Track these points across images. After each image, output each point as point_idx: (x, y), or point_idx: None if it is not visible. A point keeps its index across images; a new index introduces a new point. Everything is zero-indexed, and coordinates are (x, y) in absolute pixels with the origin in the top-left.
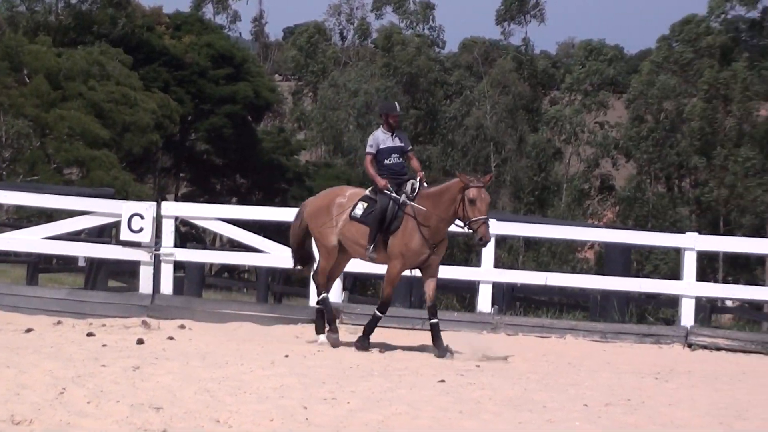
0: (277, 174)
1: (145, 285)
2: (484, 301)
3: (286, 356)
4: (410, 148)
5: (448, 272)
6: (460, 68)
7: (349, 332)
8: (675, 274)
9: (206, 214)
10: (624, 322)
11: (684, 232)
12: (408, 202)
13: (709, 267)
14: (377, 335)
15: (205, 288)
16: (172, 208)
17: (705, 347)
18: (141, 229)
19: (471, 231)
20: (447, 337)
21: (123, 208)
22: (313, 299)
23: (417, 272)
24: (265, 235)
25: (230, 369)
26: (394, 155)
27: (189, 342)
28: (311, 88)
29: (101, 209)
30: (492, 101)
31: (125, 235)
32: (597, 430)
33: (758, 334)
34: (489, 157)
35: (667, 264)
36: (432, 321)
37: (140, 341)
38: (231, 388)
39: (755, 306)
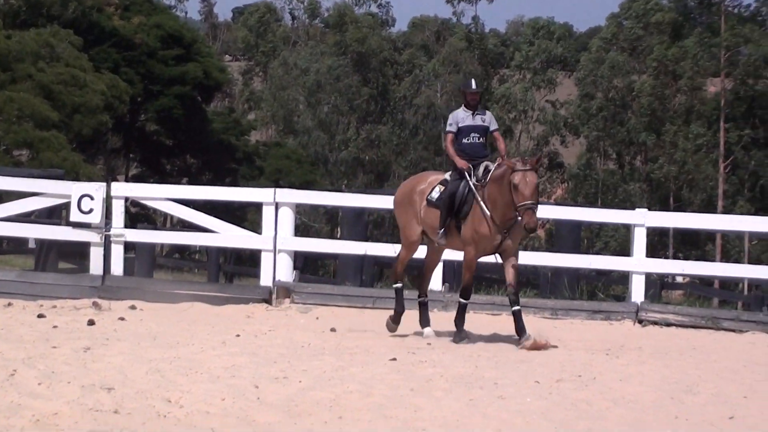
0: (228, 154)
1: (95, 266)
2: (435, 280)
3: (238, 336)
4: (495, 128)
5: (398, 251)
6: (411, 47)
7: (299, 311)
8: (625, 251)
9: (156, 195)
10: (574, 298)
11: (634, 209)
12: (477, 185)
13: (660, 243)
14: (327, 314)
15: (155, 268)
16: (122, 189)
17: (655, 323)
18: (91, 210)
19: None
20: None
21: (73, 189)
22: (264, 279)
23: (498, 258)
24: (216, 215)
25: (181, 349)
26: (473, 134)
27: (140, 322)
28: (262, 68)
29: (51, 190)
30: (443, 80)
31: (75, 216)
32: (548, 407)
33: (708, 309)
34: (439, 135)
35: (617, 241)
36: (514, 309)
37: (91, 322)
38: (182, 368)
39: (705, 282)
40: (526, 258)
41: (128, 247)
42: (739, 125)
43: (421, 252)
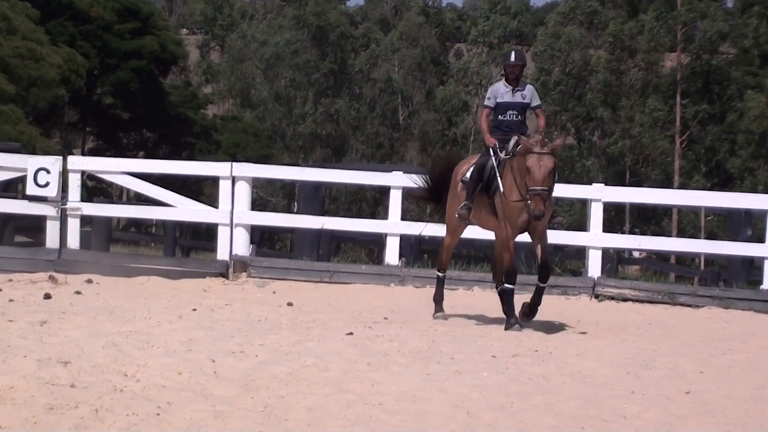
0: (185, 128)
1: (51, 240)
2: (392, 254)
3: (194, 310)
4: (537, 104)
5: (355, 225)
6: (369, 21)
7: (256, 285)
8: (582, 226)
9: (113, 168)
10: (531, 273)
11: (591, 184)
12: (504, 160)
13: (617, 218)
14: (284, 288)
15: (112, 242)
16: (79, 163)
17: (612, 298)
18: (47, 184)
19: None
20: (357, 289)
21: (29, 162)
22: (221, 253)
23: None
24: (173, 189)
25: (138, 323)
26: (510, 111)
27: (96, 296)
28: (219, 41)
29: (7, 164)
30: (400, 54)
31: (31, 189)
32: (505, 381)
33: (665, 284)
34: (397, 110)
35: (574, 216)
36: (539, 285)
37: (47, 296)
38: (139, 342)
39: (662, 257)
40: (484, 233)
41: (85, 220)
42: (695, 100)
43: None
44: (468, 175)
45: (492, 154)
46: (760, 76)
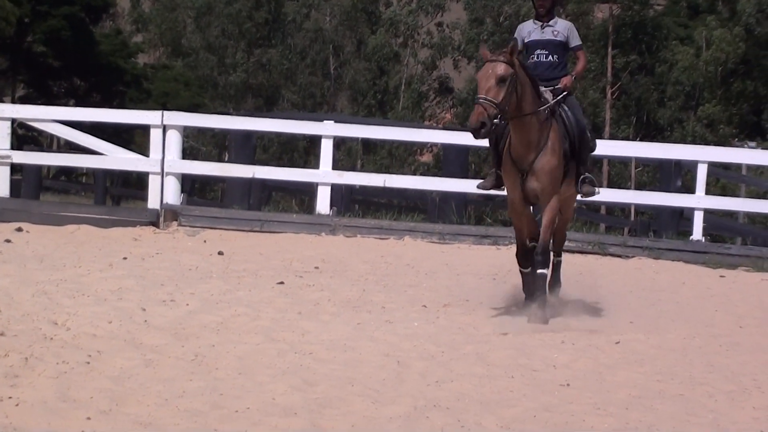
0: (115, 76)
1: None
2: (323, 204)
3: (125, 258)
4: (577, 44)
5: (286, 174)
6: None
7: (186, 235)
8: None
9: (43, 116)
10: (462, 223)
11: None
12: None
13: None
14: (215, 237)
15: (42, 191)
16: (9, 110)
17: None
18: None
19: None
20: (288, 238)
21: None
22: (151, 201)
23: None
24: (104, 137)
25: (68, 271)
26: (539, 52)
27: (26, 245)
28: None
29: None
30: (331, 4)
31: None
32: (436, 331)
33: (595, 235)
34: (328, 60)
35: None
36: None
37: None
38: (69, 291)
39: (592, 207)
40: (415, 183)
41: (15, 169)
42: (625, 52)
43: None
44: None
45: None
46: (690, 27)
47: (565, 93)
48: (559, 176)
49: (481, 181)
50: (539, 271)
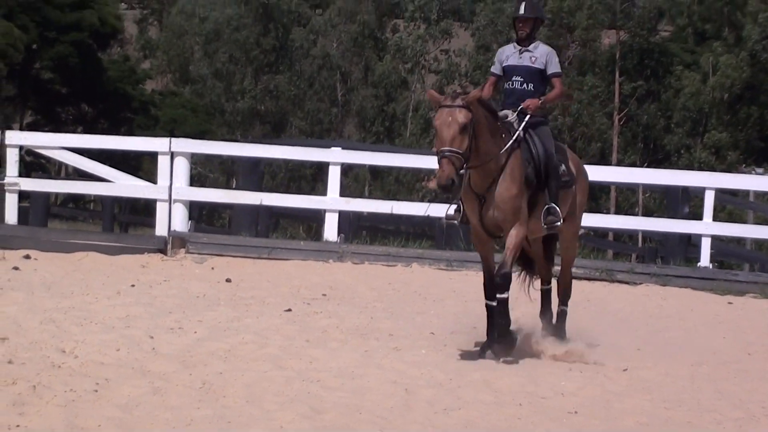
0: (123, 103)
1: None
2: (331, 230)
3: (132, 286)
4: (554, 71)
5: (294, 201)
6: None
7: (194, 262)
8: None
9: (51, 143)
10: (470, 250)
11: None
12: None
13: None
14: (222, 264)
15: (50, 218)
16: (17, 138)
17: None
18: None
19: None
20: (295, 265)
21: None
22: (159, 229)
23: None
24: (111, 164)
25: (76, 299)
26: (516, 78)
27: (34, 272)
28: (156, 16)
29: None
30: (338, 30)
31: None
32: (443, 358)
33: (603, 261)
34: (335, 86)
35: None
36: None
37: None
38: (77, 318)
39: (600, 234)
40: (422, 209)
41: (22, 196)
42: (632, 77)
43: None
44: None
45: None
46: (697, 53)
47: (527, 117)
48: (520, 205)
49: (448, 212)
50: (499, 295)
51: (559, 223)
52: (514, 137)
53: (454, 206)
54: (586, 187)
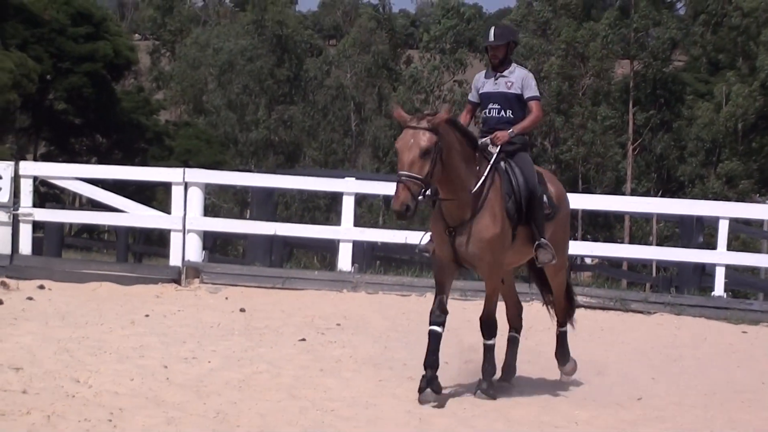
0: (137, 134)
1: (3, 245)
2: (345, 260)
3: (147, 316)
4: (532, 95)
5: (308, 231)
6: (322, 30)
7: (208, 291)
8: None
9: (65, 174)
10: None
11: None
12: None
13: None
14: (236, 294)
15: (64, 248)
16: (31, 168)
17: None
18: None
19: None
20: (309, 295)
21: None
22: (173, 259)
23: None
24: (125, 195)
25: (90, 329)
26: (492, 105)
27: (48, 302)
28: (169, 47)
29: None
30: (352, 61)
31: None
32: (456, 387)
33: (617, 291)
34: (349, 117)
35: None
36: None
37: None
38: (91, 348)
39: (614, 263)
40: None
41: (37, 226)
42: (645, 108)
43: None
44: None
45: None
46: (711, 83)
47: (498, 149)
48: (501, 244)
49: (422, 244)
50: (485, 342)
51: (554, 261)
52: (488, 168)
53: (428, 236)
54: (568, 215)
